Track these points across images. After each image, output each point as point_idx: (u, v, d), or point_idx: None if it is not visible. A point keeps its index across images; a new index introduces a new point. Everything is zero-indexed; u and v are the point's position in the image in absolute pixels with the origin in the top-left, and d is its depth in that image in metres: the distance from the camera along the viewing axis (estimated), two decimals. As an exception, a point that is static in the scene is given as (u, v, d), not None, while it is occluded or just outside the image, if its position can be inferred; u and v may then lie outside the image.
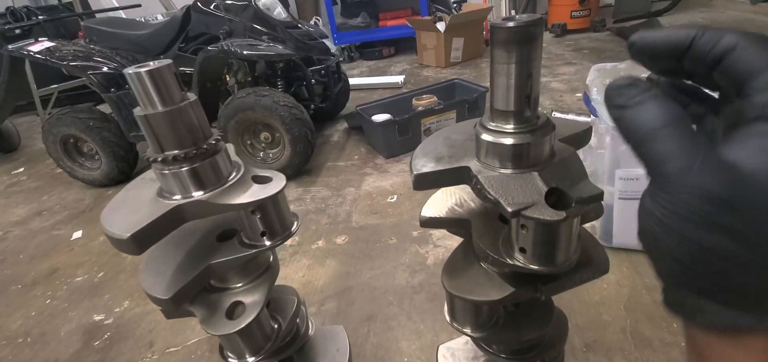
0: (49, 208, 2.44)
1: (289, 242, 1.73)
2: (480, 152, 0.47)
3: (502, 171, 0.45)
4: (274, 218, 0.55)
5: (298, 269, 1.59)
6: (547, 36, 4.87)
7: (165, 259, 0.57)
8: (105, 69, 2.28)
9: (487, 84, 0.43)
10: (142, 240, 0.44)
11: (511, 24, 0.38)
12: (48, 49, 2.21)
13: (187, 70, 2.30)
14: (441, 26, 3.94)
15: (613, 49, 3.91)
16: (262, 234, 0.55)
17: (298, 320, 0.76)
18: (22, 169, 3.20)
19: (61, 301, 1.63)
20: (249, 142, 2.24)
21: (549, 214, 0.40)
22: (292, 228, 0.59)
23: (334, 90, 2.73)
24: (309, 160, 2.27)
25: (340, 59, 3.35)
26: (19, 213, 2.44)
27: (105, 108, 2.50)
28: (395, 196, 2.01)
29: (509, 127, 0.44)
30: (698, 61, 0.25)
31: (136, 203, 0.50)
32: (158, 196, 0.50)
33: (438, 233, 1.67)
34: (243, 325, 0.56)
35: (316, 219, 1.90)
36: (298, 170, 2.26)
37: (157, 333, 1.39)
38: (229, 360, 0.63)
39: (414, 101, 2.65)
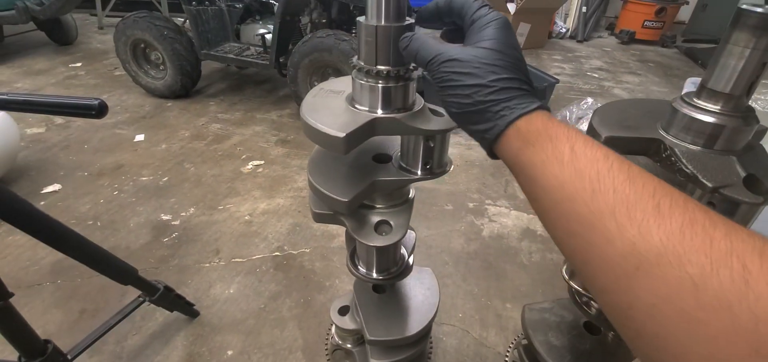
0: (109, 107, 2.52)
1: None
2: (673, 125, 0.49)
3: (699, 148, 0.47)
4: (439, 152, 0.59)
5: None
6: (612, 41, 4.70)
7: (329, 169, 0.61)
8: (189, -20, 2.30)
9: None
10: (351, 141, 0.48)
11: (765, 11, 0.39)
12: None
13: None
14: (512, 7, 3.82)
15: (679, 68, 3.77)
16: (426, 164, 0.59)
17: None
18: (79, 64, 3.29)
19: (129, 195, 1.73)
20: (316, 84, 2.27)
21: (748, 197, 0.43)
22: (447, 167, 0.62)
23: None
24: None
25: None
26: (82, 105, 2.53)
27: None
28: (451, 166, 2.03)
29: (717, 107, 0.46)
30: (447, 14, 0.42)
31: (333, 110, 0.53)
32: (350, 106, 0.53)
33: (493, 209, 1.70)
34: (392, 241, 0.60)
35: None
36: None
37: (223, 243, 1.47)
38: (359, 268, 0.68)
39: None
